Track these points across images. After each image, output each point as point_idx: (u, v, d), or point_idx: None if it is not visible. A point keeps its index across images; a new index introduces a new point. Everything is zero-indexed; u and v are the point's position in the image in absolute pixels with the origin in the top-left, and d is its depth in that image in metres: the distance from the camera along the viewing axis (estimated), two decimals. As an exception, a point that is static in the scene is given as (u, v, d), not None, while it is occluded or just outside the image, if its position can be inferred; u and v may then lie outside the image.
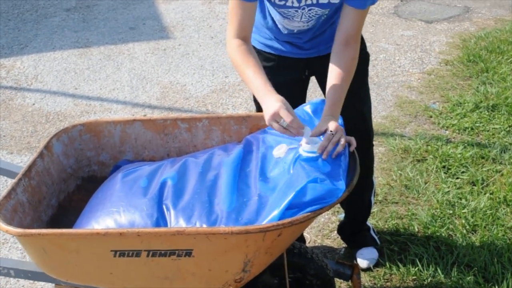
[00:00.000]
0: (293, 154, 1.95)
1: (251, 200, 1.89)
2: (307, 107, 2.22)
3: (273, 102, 1.88)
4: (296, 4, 2.12)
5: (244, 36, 2.12)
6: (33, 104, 4.39)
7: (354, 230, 2.75)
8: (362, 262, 2.66)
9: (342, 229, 2.81)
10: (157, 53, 5.19)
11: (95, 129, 2.43)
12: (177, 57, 5.11)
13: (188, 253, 1.81)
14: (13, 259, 2.17)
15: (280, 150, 2.00)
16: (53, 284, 2.29)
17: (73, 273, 1.95)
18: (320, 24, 2.27)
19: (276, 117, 1.86)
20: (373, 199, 2.69)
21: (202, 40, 5.45)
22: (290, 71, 2.41)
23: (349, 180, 1.87)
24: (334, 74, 2.07)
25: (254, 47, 2.37)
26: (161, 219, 1.92)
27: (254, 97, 2.45)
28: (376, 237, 2.74)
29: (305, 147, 1.91)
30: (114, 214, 1.98)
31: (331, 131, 1.89)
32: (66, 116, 4.20)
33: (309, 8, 2.14)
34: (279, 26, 2.32)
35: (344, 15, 2.09)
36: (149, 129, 2.42)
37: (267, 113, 1.88)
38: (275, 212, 1.77)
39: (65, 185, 2.37)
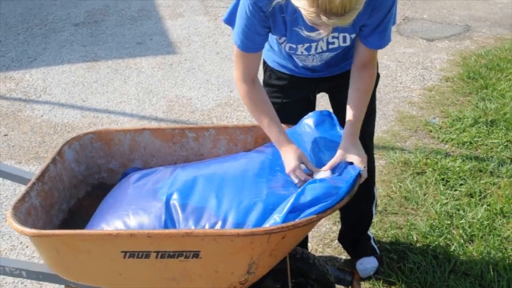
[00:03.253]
0: None
1: (258, 203, 1.95)
2: (308, 120, 2.30)
3: (290, 159, 2.07)
4: (305, 53, 2.22)
5: (251, 79, 2.20)
6: (42, 115, 4.48)
7: (355, 239, 2.82)
8: (362, 271, 2.73)
9: (343, 238, 2.88)
10: (164, 68, 5.30)
11: (106, 137, 2.52)
12: (183, 71, 5.22)
13: (196, 255, 1.87)
14: (25, 261, 2.24)
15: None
16: (59, 286, 2.37)
17: (84, 274, 2.01)
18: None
19: (294, 173, 2.06)
20: (374, 210, 2.76)
21: (208, 55, 5.56)
22: (300, 90, 2.48)
23: (351, 186, 1.95)
24: (352, 94, 2.16)
25: (268, 65, 2.47)
26: (169, 221, 1.98)
27: None
28: (376, 247, 2.81)
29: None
30: (123, 217, 2.04)
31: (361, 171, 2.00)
32: (74, 127, 4.29)
33: (320, 54, 2.22)
34: (295, 58, 2.39)
35: (358, 47, 2.15)
36: (158, 138, 2.50)
37: (286, 167, 2.08)
38: (279, 215, 1.85)
39: (75, 191, 2.45)
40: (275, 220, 1.86)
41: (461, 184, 3.33)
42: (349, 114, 2.15)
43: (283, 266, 2.20)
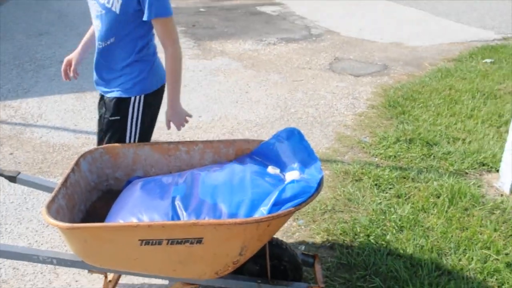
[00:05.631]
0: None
1: (245, 200, 2.11)
2: (281, 133, 2.48)
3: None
4: (94, 11, 2.58)
5: None
6: (41, 137, 4.49)
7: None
8: None
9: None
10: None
11: (113, 151, 2.62)
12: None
13: (199, 241, 2.00)
14: (55, 251, 2.31)
15: (274, 170, 2.31)
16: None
17: (106, 260, 2.11)
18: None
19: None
20: None
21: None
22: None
23: (319, 185, 2.14)
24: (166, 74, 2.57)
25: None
26: (175, 217, 2.12)
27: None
28: None
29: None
30: (137, 214, 2.16)
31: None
32: (70, 147, 4.32)
33: (99, 14, 2.55)
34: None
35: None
36: (156, 151, 2.62)
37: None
38: (265, 208, 2.02)
39: (89, 195, 2.53)
40: (262, 212, 2.03)
41: (390, 188, 3.58)
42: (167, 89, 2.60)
43: (262, 251, 2.35)
